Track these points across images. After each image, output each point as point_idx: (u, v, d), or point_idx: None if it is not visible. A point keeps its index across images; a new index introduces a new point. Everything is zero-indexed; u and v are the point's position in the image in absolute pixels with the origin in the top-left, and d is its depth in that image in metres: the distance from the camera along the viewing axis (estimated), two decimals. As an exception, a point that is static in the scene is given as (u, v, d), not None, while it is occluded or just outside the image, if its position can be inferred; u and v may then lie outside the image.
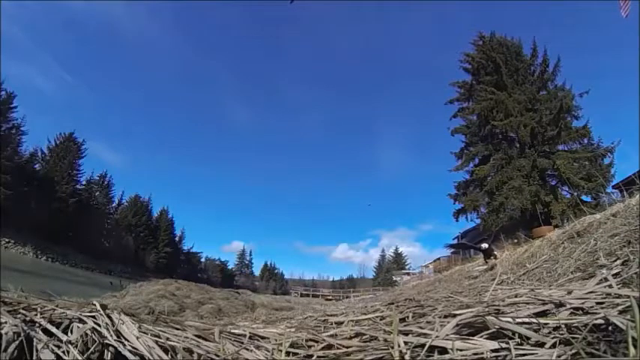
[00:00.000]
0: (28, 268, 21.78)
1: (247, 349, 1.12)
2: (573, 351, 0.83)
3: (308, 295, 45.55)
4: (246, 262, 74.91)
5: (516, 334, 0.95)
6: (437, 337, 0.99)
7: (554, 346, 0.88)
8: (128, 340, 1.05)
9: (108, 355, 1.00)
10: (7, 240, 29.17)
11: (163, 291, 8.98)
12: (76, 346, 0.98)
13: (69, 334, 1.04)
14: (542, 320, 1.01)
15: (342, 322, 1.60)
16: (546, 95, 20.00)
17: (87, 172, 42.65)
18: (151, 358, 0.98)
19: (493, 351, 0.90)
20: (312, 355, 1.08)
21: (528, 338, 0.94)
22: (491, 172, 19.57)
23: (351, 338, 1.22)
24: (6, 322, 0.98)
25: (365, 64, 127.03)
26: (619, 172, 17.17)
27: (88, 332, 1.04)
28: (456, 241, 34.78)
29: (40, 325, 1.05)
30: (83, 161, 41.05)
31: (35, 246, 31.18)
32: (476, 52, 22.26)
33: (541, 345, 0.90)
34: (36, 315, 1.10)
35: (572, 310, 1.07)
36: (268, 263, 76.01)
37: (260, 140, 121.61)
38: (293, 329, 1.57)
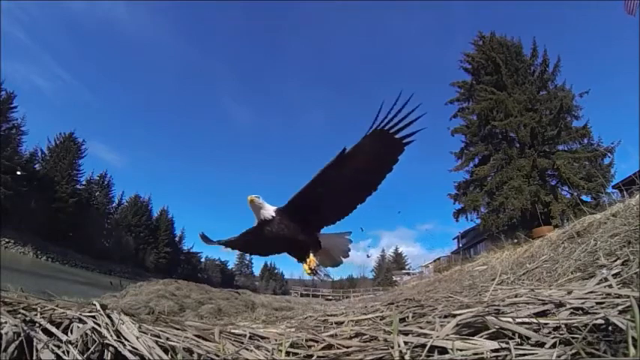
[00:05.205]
0: (28, 268, 21.80)
1: (247, 349, 1.12)
2: (573, 351, 0.83)
3: (308, 295, 45.49)
4: (246, 262, 74.88)
5: (516, 334, 0.95)
6: (437, 337, 0.99)
7: (554, 346, 0.88)
8: (128, 340, 1.05)
9: (108, 355, 1.00)
10: (7, 240, 29.19)
11: (163, 291, 8.98)
12: (76, 346, 0.98)
13: (69, 334, 1.04)
14: (542, 320, 1.01)
15: (342, 322, 1.60)
16: (546, 95, 20.01)
17: (87, 172, 42.85)
18: (150, 358, 0.98)
19: (493, 351, 0.90)
20: (312, 355, 1.08)
21: (528, 338, 0.93)
22: (491, 172, 19.58)
23: (351, 338, 1.22)
24: (6, 322, 0.98)
25: (365, 64, 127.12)
26: (619, 172, 17.21)
27: (88, 332, 1.04)
28: (456, 242, 34.53)
29: (40, 325, 1.05)
30: (83, 161, 41.28)
31: (35, 246, 31.19)
32: (476, 52, 22.28)
33: (541, 345, 0.90)
34: (36, 315, 1.10)
35: (572, 310, 1.07)
36: (268, 263, 76.02)
37: (260, 140, 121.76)
38: (293, 329, 1.56)
